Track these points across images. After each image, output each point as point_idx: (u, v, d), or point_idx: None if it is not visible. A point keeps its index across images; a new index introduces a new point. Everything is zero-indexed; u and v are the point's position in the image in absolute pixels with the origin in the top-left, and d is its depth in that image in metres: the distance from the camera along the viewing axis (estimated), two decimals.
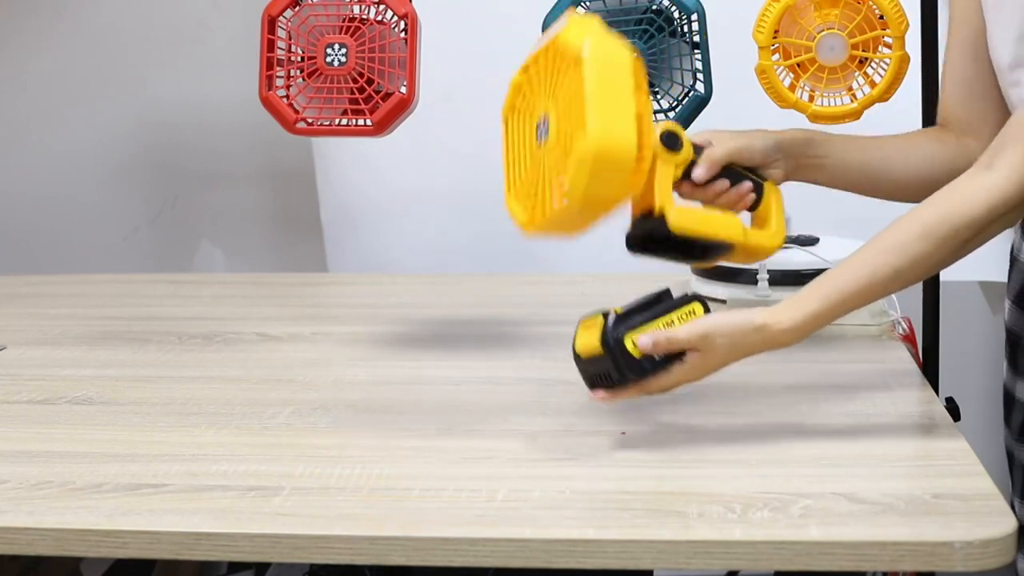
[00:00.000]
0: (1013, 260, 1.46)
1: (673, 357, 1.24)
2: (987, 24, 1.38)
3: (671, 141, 1.27)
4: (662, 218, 1.25)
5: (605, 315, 1.25)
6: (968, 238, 1.22)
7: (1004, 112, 1.39)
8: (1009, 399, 1.43)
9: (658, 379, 1.24)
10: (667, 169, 1.27)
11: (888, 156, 1.40)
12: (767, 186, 1.34)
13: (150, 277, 2.22)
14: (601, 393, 1.25)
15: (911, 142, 1.43)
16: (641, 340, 1.23)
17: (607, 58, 1.17)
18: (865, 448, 1.22)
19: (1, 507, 1.12)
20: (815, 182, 1.39)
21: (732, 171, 1.31)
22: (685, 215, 1.26)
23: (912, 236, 1.22)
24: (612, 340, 1.22)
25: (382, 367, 1.56)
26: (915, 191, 1.39)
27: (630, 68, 1.18)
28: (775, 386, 1.42)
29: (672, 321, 1.25)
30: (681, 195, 1.31)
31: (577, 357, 1.27)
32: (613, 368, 1.23)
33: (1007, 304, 1.46)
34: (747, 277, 1.70)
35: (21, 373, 1.56)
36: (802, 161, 1.36)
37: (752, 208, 1.34)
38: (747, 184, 1.32)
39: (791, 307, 1.23)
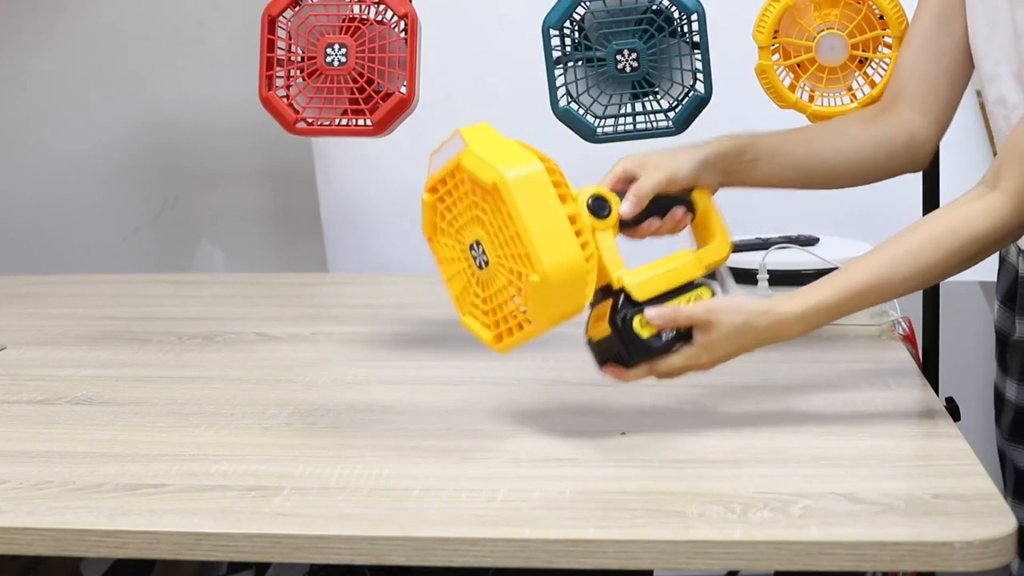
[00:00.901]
0: (1001, 261, 1.46)
1: (681, 339, 1.24)
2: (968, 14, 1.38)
3: (599, 207, 1.26)
4: (623, 291, 1.25)
5: (615, 296, 1.25)
6: (975, 252, 1.24)
7: (958, 91, 1.41)
8: (999, 398, 1.43)
9: (667, 360, 1.24)
10: (607, 237, 1.26)
11: (816, 148, 1.40)
12: (697, 199, 1.32)
13: (150, 277, 2.22)
14: (612, 370, 1.26)
15: (837, 130, 1.43)
16: (648, 312, 1.23)
17: (526, 181, 1.17)
18: (865, 448, 1.22)
19: (1, 507, 1.12)
20: (748, 186, 1.38)
21: (660, 200, 1.30)
22: (646, 284, 1.25)
23: (924, 245, 1.23)
24: (620, 320, 1.23)
25: (382, 367, 1.56)
26: (849, 177, 1.40)
27: (546, 178, 1.18)
28: (775, 386, 1.42)
29: (679, 303, 1.25)
30: (626, 236, 1.31)
31: (589, 342, 1.27)
32: (622, 347, 1.23)
33: (996, 304, 1.46)
34: (747, 277, 1.70)
35: (21, 373, 1.56)
36: (731, 170, 1.34)
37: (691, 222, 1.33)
38: (679, 209, 1.30)
39: (798, 296, 1.24)
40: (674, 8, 1.46)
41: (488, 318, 1.24)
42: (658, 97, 1.49)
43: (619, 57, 1.47)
